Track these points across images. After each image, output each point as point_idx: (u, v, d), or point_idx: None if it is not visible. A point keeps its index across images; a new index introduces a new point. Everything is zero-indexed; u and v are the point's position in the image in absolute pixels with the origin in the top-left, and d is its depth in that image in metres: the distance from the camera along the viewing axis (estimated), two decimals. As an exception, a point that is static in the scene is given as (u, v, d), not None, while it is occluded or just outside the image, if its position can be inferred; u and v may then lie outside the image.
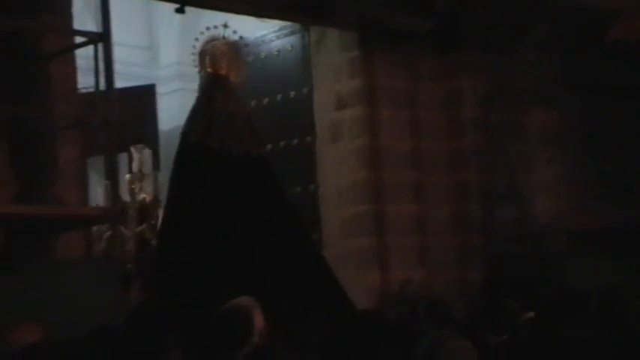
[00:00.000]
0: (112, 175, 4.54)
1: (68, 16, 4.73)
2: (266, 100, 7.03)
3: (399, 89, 6.56)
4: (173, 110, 7.92)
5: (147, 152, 6.73)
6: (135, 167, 6.44)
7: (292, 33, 6.86)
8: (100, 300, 4.22)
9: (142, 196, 6.41)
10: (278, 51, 6.97)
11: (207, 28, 5.67)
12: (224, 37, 5.67)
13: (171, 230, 5.23)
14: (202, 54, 5.61)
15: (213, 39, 5.67)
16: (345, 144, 6.53)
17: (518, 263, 6.45)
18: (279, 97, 6.97)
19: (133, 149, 6.45)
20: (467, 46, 6.64)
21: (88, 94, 5.16)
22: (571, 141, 7.16)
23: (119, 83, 5.15)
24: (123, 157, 6.41)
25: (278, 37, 6.95)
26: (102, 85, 4.62)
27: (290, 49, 6.90)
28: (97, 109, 4.60)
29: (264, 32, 7.00)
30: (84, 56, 4.93)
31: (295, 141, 6.87)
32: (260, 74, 7.04)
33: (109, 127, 4.50)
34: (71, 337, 3.47)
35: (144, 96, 7.37)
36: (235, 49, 5.71)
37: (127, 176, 6.44)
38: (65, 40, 4.74)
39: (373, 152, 6.45)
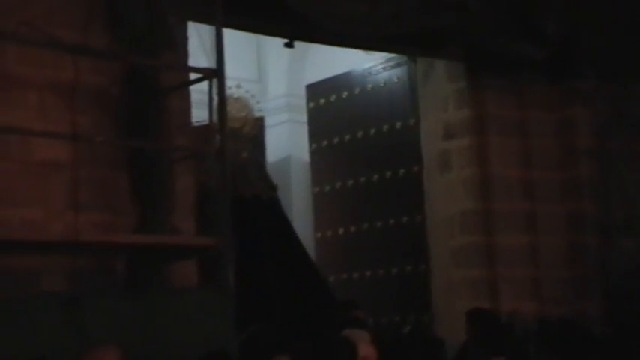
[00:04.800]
0: (224, 205, 4.78)
1: (185, 53, 5.08)
2: (373, 131, 7.27)
3: (508, 118, 6.65)
4: (281, 141, 8.23)
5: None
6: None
7: (399, 65, 7.08)
8: (212, 327, 4.46)
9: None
10: (385, 82, 7.20)
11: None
12: (237, 97, 6.49)
13: None
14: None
15: (227, 97, 6.39)
16: (454, 174, 6.65)
17: (638, 297, 6.36)
18: (385, 127, 7.18)
19: None
20: (580, 74, 6.65)
21: (202, 126, 5.51)
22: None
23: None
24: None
25: (385, 69, 7.19)
26: (215, 118, 4.90)
27: (397, 80, 7.12)
28: (211, 141, 4.88)
29: (370, 64, 7.23)
30: (197, 90, 5.26)
31: (402, 171, 7.05)
32: (367, 105, 7.29)
33: (221, 159, 4.76)
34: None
35: (253, 128, 7.69)
36: (247, 106, 6.59)
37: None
38: (181, 75, 5.08)
39: (482, 182, 6.54)
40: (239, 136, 6.50)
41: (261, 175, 6.58)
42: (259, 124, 6.95)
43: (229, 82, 5.24)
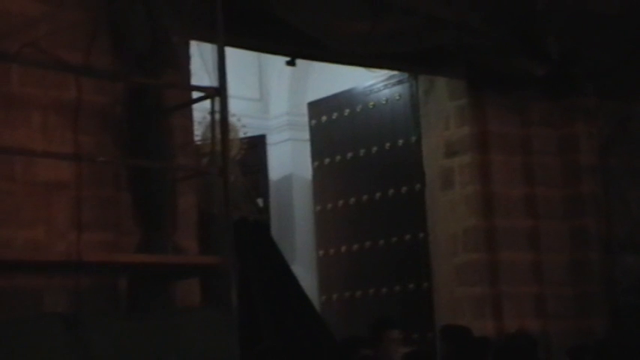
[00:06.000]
0: (227, 223, 4.80)
1: (187, 73, 5.12)
2: (375, 149, 7.30)
3: (510, 135, 6.68)
4: (283, 160, 8.27)
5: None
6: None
7: (400, 82, 7.12)
8: (216, 346, 4.47)
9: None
10: (386, 100, 7.24)
11: (209, 113, 6.32)
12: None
13: None
14: (204, 135, 6.29)
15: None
16: (456, 191, 6.67)
17: (643, 314, 6.38)
18: (387, 145, 7.21)
19: None
20: (582, 91, 6.70)
21: (204, 145, 5.54)
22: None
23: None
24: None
25: (386, 87, 7.23)
26: (217, 137, 4.93)
27: (398, 97, 7.16)
28: (213, 160, 4.90)
29: (372, 82, 7.28)
30: (199, 109, 5.30)
31: (404, 189, 7.07)
32: (369, 123, 7.33)
33: (225, 177, 4.78)
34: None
35: (254, 146, 7.74)
36: (233, 129, 6.63)
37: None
38: (184, 94, 5.12)
39: (485, 199, 6.56)
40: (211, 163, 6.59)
41: (247, 198, 6.67)
42: (245, 146, 7.02)
43: (230, 101, 5.28)
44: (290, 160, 8.26)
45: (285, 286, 6.43)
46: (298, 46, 5.97)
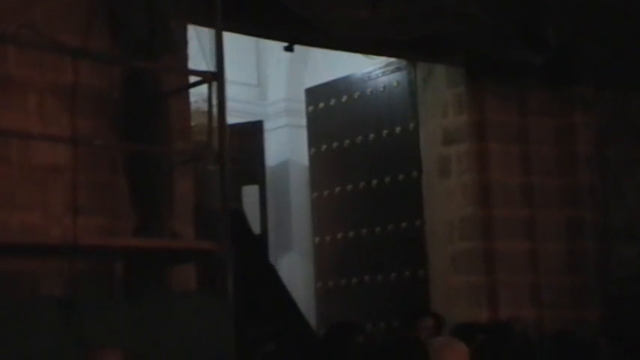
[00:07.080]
0: (224, 210, 4.81)
1: (184, 57, 5.11)
2: (372, 136, 7.28)
3: (508, 124, 6.68)
4: (280, 146, 8.27)
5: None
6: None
7: (398, 69, 7.11)
8: (211, 331, 4.49)
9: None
10: (384, 87, 7.22)
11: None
12: (204, 111, 6.38)
13: None
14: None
15: (196, 110, 6.30)
16: (453, 179, 6.68)
17: (638, 305, 6.39)
18: (384, 132, 7.20)
19: None
20: (580, 81, 6.69)
21: (201, 130, 5.52)
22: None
23: (229, 120, 5.53)
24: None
25: (384, 74, 7.21)
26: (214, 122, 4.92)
27: (396, 84, 7.14)
28: (211, 145, 4.90)
29: (370, 69, 7.26)
30: (197, 94, 5.28)
31: (401, 176, 7.07)
32: (366, 110, 7.31)
33: (222, 163, 4.78)
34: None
35: (252, 132, 7.73)
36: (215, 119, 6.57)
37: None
38: (181, 79, 5.10)
39: (482, 188, 6.57)
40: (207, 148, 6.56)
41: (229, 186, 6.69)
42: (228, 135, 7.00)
43: (227, 86, 5.25)
44: (287, 146, 8.25)
45: (263, 275, 6.43)
46: (296, 32, 5.95)
